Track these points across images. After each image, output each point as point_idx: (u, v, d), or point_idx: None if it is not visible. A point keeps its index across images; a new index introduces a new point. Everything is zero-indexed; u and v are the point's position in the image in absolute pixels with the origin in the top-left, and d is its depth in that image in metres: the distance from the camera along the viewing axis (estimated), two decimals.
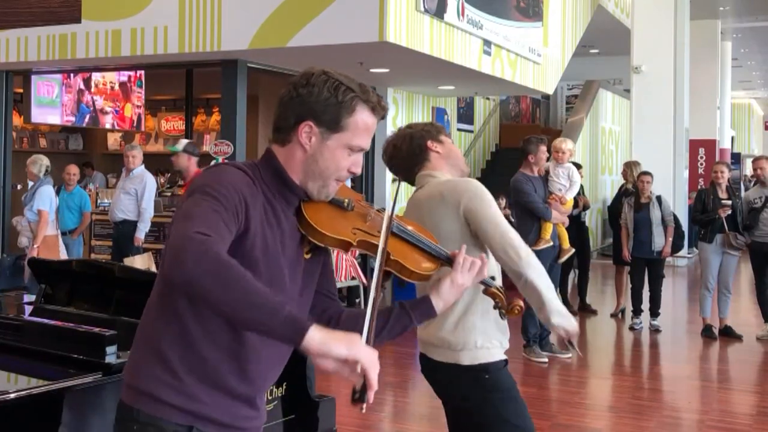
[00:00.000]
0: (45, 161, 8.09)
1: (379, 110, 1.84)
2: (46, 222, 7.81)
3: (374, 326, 1.71)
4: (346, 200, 1.90)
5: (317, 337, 1.56)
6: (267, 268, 1.76)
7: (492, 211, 2.70)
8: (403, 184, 2.66)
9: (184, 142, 7.50)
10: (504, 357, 2.75)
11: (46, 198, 7.87)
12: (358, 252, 8.65)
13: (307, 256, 1.89)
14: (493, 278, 2.17)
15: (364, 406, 1.60)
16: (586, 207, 9.62)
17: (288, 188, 1.83)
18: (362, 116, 1.81)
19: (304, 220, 1.84)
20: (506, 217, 11.72)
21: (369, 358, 1.59)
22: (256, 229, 1.74)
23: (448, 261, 2.01)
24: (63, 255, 7.77)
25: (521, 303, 2.16)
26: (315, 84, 1.80)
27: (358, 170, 1.86)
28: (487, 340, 2.70)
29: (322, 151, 1.81)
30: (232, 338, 1.76)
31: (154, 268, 5.63)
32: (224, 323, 1.72)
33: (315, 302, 1.97)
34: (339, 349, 1.57)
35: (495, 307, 2.19)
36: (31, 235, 7.80)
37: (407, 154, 2.93)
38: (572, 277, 10.07)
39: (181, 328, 1.75)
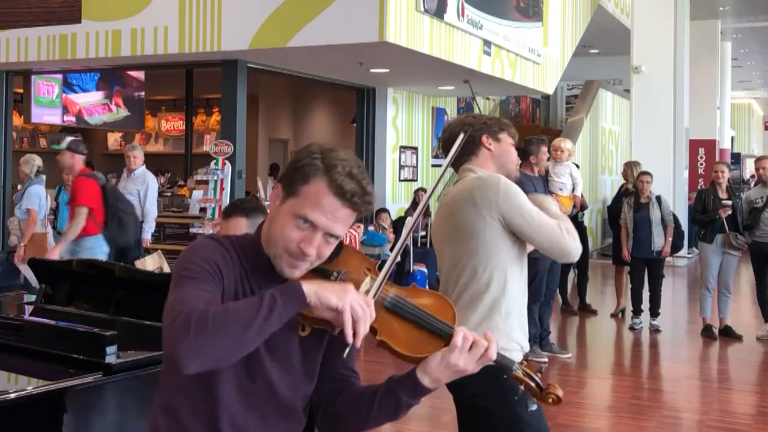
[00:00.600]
0: (37, 161, 8.07)
1: (346, 193, 1.65)
2: (35, 221, 7.81)
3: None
4: (335, 272, 1.70)
5: (311, 290, 1.57)
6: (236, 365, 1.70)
7: (520, 206, 2.67)
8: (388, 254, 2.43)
9: (68, 139, 7.45)
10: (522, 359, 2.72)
11: (34, 197, 7.86)
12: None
13: (303, 333, 1.70)
14: (514, 361, 1.81)
15: (347, 350, 1.61)
16: (583, 207, 9.63)
17: (260, 258, 1.74)
18: (316, 188, 1.66)
19: None
20: None
21: (357, 310, 1.57)
22: (228, 296, 1.70)
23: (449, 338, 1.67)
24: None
25: (558, 393, 1.75)
26: (298, 152, 1.77)
27: (310, 250, 1.66)
28: (508, 342, 2.66)
29: (276, 213, 1.73)
30: (209, 405, 1.72)
31: (166, 268, 5.61)
32: (199, 393, 1.71)
33: (323, 390, 1.83)
34: (330, 299, 1.57)
35: (520, 398, 1.96)
36: (20, 234, 7.79)
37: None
38: (572, 276, 10.07)
39: (167, 400, 1.78)
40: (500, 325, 2.66)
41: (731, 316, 8.28)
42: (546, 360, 6.86)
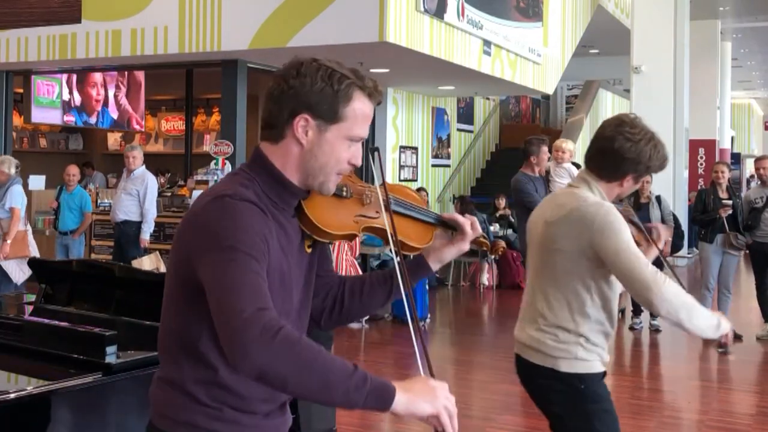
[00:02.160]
0: (14, 160, 8.04)
1: (376, 96, 1.73)
2: (18, 219, 7.82)
3: (426, 353, 1.69)
4: (344, 188, 1.81)
5: (402, 401, 1.54)
6: (280, 296, 1.70)
7: (616, 244, 2.53)
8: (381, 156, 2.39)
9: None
10: (602, 369, 2.70)
11: (17, 196, 7.86)
12: (358, 252, 8.68)
13: (309, 251, 1.82)
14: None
15: None
16: None
17: (289, 192, 1.73)
18: (360, 104, 1.70)
19: (306, 219, 1.76)
20: (506, 217, 11.65)
21: (450, 409, 1.58)
22: (274, 262, 1.66)
23: (441, 224, 1.96)
24: (33, 250, 7.81)
25: (503, 244, 2.14)
26: (307, 74, 1.68)
27: (359, 161, 1.75)
28: (588, 353, 2.65)
29: (320, 144, 1.69)
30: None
31: (162, 268, 5.61)
32: None
33: (317, 287, 1.89)
34: (424, 408, 1.56)
35: (482, 256, 2.15)
36: (1, 232, 7.78)
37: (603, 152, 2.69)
38: None
39: (210, 371, 1.69)
40: (583, 335, 2.64)
41: (731, 316, 8.28)
42: None
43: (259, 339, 1.46)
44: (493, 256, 2.34)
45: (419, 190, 11.97)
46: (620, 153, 2.63)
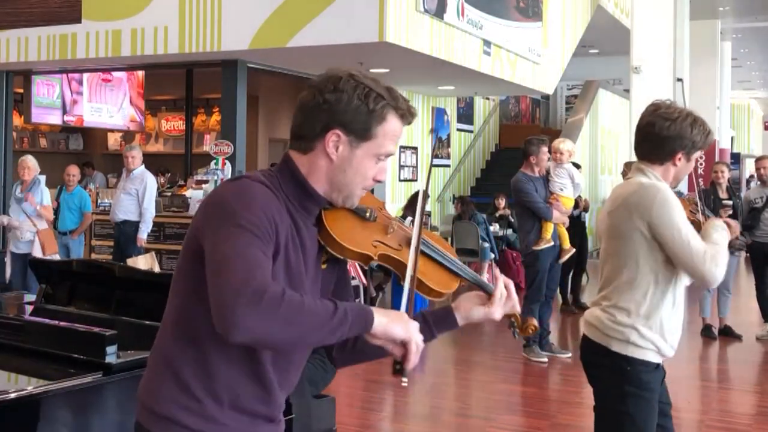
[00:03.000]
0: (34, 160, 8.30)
1: (408, 117, 1.76)
2: (52, 215, 8.20)
3: (412, 295, 1.76)
4: (369, 210, 1.82)
5: (380, 323, 1.61)
6: (289, 287, 1.68)
7: (670, 220, 2.67)
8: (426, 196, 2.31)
9: None
10: (656, 361, 2.80)
11: (48, 194, 8.16)
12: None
13: (324, 266, 1.82)
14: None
15: (405, 379, 1.67)
16: (585, 209, 9.66)
17: (310, 199, 1.74)
18: (392, 124, 1.73)
19: (324, 230, 1.76)
20: (506, 217, 11.62)
21: (419, 344, 1.66)
22: (282, 251, 1.67)
23: (471, 281, 1.93)
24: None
25: (535, 323, 2.09)
26: (344, 90, 1.69)
27: (384, 177, 1.78)
28: (643, 340, 2.76)
29: (350, 160, 1.71)
30: (251, 360, 1.71)
31: (157, 268, 5.63)
32: (244, 348, 1.67)
33: None
34: (398, 332, 1.63)
35: (509, 326, 2.12)
36: (35, 229, 8.02)
37: (656, 143, 2.80)
38: (585, 281, 10.08)
39: (199, 352, 1.69)
40: (634, 323, 2.75)
41: (731, 316, 8.28)
42: (546, 360, 6.86)
43: (247, 305, 1.47)
44: (520, 335, 2.30)
45: (418, 192, 11.95)
46: (662, 134, 2.76)
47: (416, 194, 11.77)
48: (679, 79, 3.00)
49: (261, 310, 1.48)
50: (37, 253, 7.78)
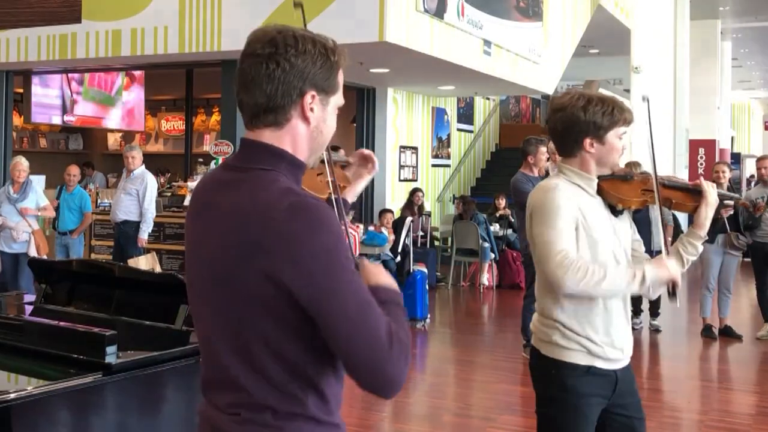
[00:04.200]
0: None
1: (346, 59, 1.73)
2: (53, 214, 8.26)
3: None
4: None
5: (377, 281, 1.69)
6: None
7: (542, 221, 2.56)
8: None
9: None
10: (586, 363, 2.59)
11: (43, 194, 8.20)
12: (358, 252, 8.68)
13: None
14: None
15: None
16: None
17: (302, 172, 1.68)
18: (340, 72, 1.70)
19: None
20: (506, 217, 11.64)
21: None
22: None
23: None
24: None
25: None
26: (305, 50, 1.61)
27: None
28: (567, 341, 2.62)
29: (324, 119, 1.66)
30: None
31: (158, 269, 5.63)
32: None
33: None
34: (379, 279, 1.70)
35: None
36: (31, 229, 8.06)
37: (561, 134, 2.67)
38: None
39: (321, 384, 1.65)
40: (561, 320, 2.64)
41: (731, 316, 8.28)
42: None
43: (400, 369, 1.51)
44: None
45: (415, 190, 11.95)
46: (558, 127, 2.64)
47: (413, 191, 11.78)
48: (645, 99, 2.98)
49: (405, 367, 1.52)
50: (33, 253, 7.81)
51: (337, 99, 1.69)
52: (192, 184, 11.57)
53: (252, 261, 1.52)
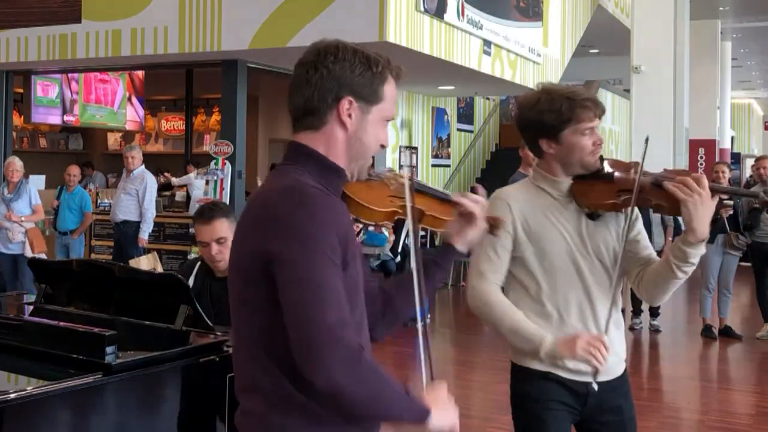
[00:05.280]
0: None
1: (401, 76, 1.81)
2: (42, 215, 8.25)
3: (430, 358, 1.76)
4: (371, 173, 1.87)
5: (435, 420, 1.65)
6: (356, 306, 1.69)
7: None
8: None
9: None
10: (540, 368, 2.50)
11: (37, 194, 8.21)
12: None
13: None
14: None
15: None
16: None
17: (338, 177, 1.73)
18: (392, 85, 1.76)
19: (352, 201, 1.80)
20: None
21: (456, 426, 1.69)
22: (350, 261, 1.65)
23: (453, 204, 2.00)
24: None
25: (500, 219, 2.12)
26: (345, 58, 1.70)
27: (387, 143, 1.81)
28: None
29: (364, 126, 1.72)
30: None
31: (159, 269, 5.63)
32: None
33: (367, 294, 1.82)
34: (443, 424, 1.66)
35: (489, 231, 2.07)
36: (24, 229, 8.10)
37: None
38: None
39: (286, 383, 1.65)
40: None
41: (731, 316, 8.28)
42: None
43: (344, 361, 1.49)
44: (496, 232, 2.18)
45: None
46: (519, 128, 2.59)
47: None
48: (647, 140, 2.96)
49: (360, 370, 1.51)
50: (29, 253, 7.84)
51: (382, 110, 1.73)
52: (176, 180, 11.62)
53: (247, 241, 1.63)
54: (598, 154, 2.51)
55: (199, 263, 3.35)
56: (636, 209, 2.52)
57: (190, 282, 3.28)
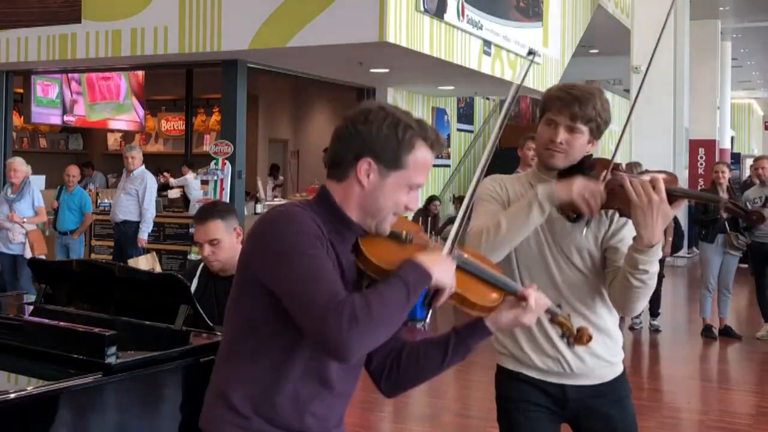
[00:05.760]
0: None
1: (437, 147, 1.84)
2: (45, 217, 8.32)
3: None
4: (404, 233, 1.88)
5: (436, 277, 1.76)
6: None
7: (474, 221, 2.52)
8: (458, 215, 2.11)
9: None
10: (514, 368, 2.60)
11: (40, 195, 8.25)
12: None
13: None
14: (559, 306, 2.09)
15: (429, 313, 1.84)
16: None
17: (345, 225, 1.83)
18: (422, 153, 1.80)
19: (362, 256, 1.83)
20: None
21: (452, 283, 1.80)
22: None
23: (514, 294, 1.93)
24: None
25: (590, 332, 2.03)
26: (374, 120, 1.77)
27: (415, 206, 1.87)
28: (500, 345, 2.66)
29: (382, 188, 1.79)
30: (304, 384, 1.83)
31: (158, 269, 5.64)
32: (300, 373, 1.81)
33: (387, 348, 1.96)
34: (444, 279, 1.78)
35: (562, 336, 2.04)
36: (25, 230, 8.13)
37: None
38: None
39: (252, 372, 1.83)
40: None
41: (731, 316, 8.28)
42: None
43: (349, 329, 1.61)
44: (573, 344, 2.21)
45: (431, 198, 11.68)
46: None
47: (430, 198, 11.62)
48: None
49: (361, 327, 1.62)
50: (29, 254, 7.86)
51: (405, 177, 1.79)
52: (174, 181, 11.60)
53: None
54: (556, 153, 2.41)
55: (202, 263, 3.37)
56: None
57: (195, 282, 3.29)
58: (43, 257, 7.69)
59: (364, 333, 1.63)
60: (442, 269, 1.77)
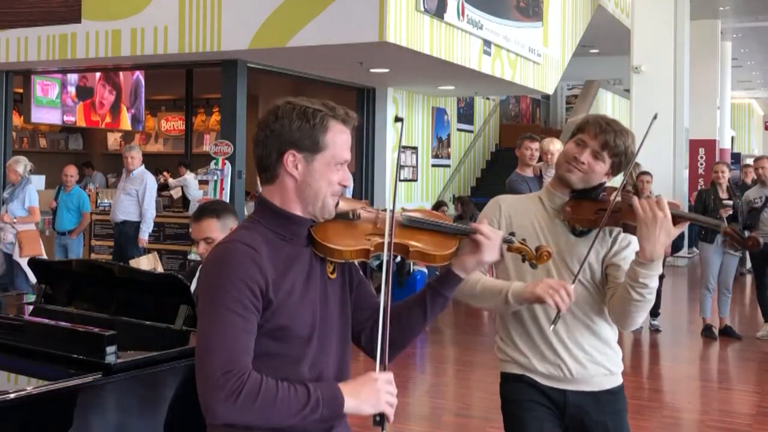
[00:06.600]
0: (28, 162, 8.37)
1: (350, 120, 1.90)
2: (38, 217, 8.28)
3: (386, 342, 1.84)
4: (350, 212, 1.96)
5: (350, 407, 1.78)
6: (316, 345, 1.87)
7: None
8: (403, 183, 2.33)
9: None
10: (517, 372, 2.65)
11: (35, 195, 8.33)
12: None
13: (333, 276, 1.96)
14: (512, 234, 2.13)
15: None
16: None
17: (293, 223, 1.89)
18: (337, 130, 1.87)
19: (318, 244, 1.90)
20: None
21: (392, 402, 1.81)
22: (288, 295, 1.82)
23: (467, 234, 2.01)
24: (42, 249, 8.22)
25: (548, 249, 2.12)
26: (284, 116, 1.85)
27: (348, 182, 1.92)
28: (502, 353, 2.74)
29: (312, 173, 1.86)
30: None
31: (160, 269, 5.65)
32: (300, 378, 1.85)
33: (363, 321, 2.03)
34: (368, 410, 1.79)
35: (523, 260, 2.11)
36: (15, 231, 8.15)
37: None
38: None
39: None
40: (499, 336, 2.78)
41: (731, 316, 8.28)
42: None
43: (225, 401, 1.67)
44: (536, 265, 2.17)
45: (439, 205, 11.66)
46: None
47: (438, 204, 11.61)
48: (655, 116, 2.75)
49: (238, 408, 1.67)
50: (16, 256, 7.89)
51: (330, 156, 1.86)
52: (173, 182, 11.60)
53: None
54: (576, 171, 2.52)
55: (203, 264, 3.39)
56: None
57: (195, 282, 3.30)
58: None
59: (237, 414, 1.68)
60: (370, 401, 1.79)
